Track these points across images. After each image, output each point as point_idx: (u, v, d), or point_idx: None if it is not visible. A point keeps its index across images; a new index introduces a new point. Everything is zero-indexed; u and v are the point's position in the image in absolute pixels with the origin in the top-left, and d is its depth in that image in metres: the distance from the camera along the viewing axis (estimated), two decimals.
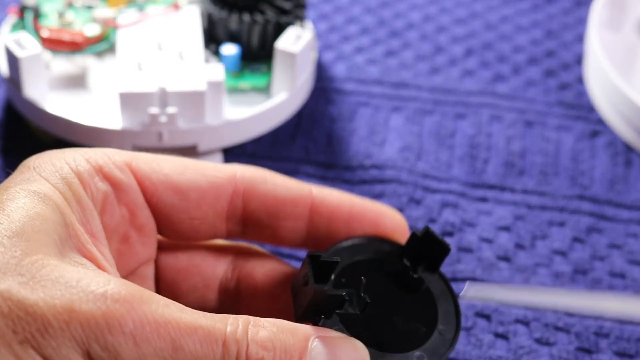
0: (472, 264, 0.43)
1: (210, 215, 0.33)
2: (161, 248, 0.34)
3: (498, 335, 0.41)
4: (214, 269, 0.34)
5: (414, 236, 0.32)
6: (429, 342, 0.31)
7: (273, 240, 0.34)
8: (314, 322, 0.30)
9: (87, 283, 0.27)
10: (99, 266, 0.29)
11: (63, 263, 0.27)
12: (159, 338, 0.27)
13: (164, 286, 0.34)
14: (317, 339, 0.29)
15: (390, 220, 0.34)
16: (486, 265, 0.43)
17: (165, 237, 0.33)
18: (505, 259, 0.44)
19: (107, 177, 0.31)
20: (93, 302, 0.26)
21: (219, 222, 0.33)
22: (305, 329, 0.29)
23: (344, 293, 0.30)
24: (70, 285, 0.26)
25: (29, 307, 0.26)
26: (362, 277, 0.31)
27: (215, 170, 0.33)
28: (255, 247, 0.36)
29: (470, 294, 0.31)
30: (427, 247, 0.32)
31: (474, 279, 0.43)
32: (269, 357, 0.28)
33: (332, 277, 0.31)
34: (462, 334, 0.40)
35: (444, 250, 0.32)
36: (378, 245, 0.33)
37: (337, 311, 0.30)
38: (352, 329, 0.30)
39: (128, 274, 0.33)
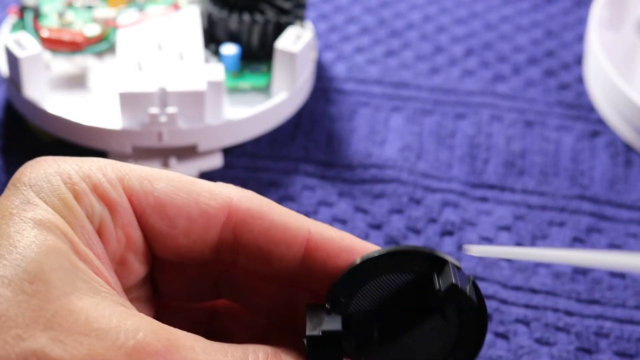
0: (473, 262, 0.43)
1: (199, 245, 0.32)
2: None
3: (498, 335, 0.41)
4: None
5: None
6: None
7: (264, 272, 0.32)
8: None
9: (117, 334, 0.26)
10: (112, 288, 0.29)
11: (86, 301, 0.27)
12: None
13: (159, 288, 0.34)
14: None
15: None
16: (486, 265, 0.43)
17: (156, 254, 0.33)
18: (506, 258, 0.44)
19: (102, 198, 0.30)
20: (126, 358, 0.26)
21: (207, 251, 0.32)
22: None
23: (340, 330, 0.29)
24: (100, 338, 0.26)
25: None
26: (376, 309, 0.30)
27: (209, 198, 0.31)
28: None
29: (474, 251, 0.29)
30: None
31: (474, 278, 0.43)
32: None
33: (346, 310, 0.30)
34: None
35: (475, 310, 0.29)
36: (405, 261, 0.30)
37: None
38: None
39: (125, 290, 0.33)
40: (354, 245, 0.31)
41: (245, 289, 0.34)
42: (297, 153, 0.49)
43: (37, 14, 0.49)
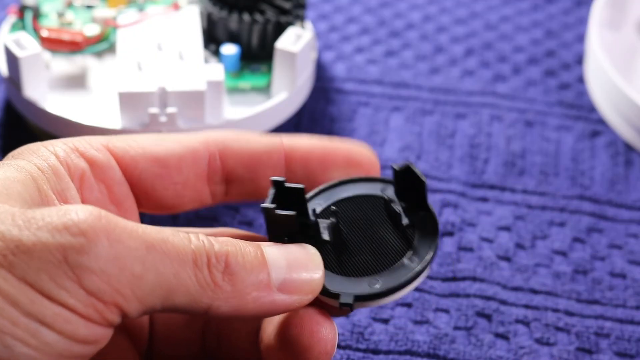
0: (473, 263, 0.43)
1: (192, 178, 0.34)
2: None
3: (498, 335, 0.41)
4: None
5: (393, 171, 0.33)
6: (389, 270, 0.31)
7: (256, 194, 0.35)
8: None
9: (55, 207, 0.27)
10: None
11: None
12: (131, 239, 0.27)
13: None
14: (268, 246, 0.30)
15: (360, 154, 0.35)
16: (487, 265, 0.43)
17: (152, 210, 0.34)
18: (506, 258, 0.44)
19: (83, 155, 0.32)
20: (63, 215, 0.27)
21: (200, 185, 0.34)
22: (256, 242, 0.31)
23: (294, 213, 0.31)
24: (37, 213, 0.27)
25: None
26: (335, 207, 0.32)
27: (189, 137, 0.34)
28: (241, 231, 0.36)
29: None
30: (408, 182, 0.33)
31: (474, 279, 0.43)
32: (233, 250, 0.29)
33: (315, 209, 0.33)
34: (462, 334, 0.40)
35: (421, 183, 0.32)
36: (365, 183, 0.34)
37: (313, 239, 0.32)
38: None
39: None
40: (323, 140, 0.35)
41: None
42: None
43: (36, 13, 0.49)
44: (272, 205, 0.31)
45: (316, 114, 0.51)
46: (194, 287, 0.28)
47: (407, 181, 0.32)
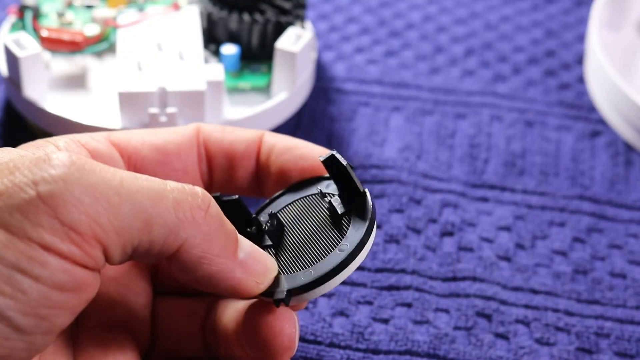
0: (473, 263, 0.43)
1: (189, 164, 0.34)
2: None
3: (498, 335, 0.41)
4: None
5: (323, 163, 0.33)
6: (322, 261, 0.32)
7: (232, 184, 0.36)
8: None
9: (28, 157, 0.27)
10: None
11: None
12: (104, 171, 0.27)
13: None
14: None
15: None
16: (486, 265, 0.43)
17: None
18: (506, 258, 0.44)
19: (84, 146, 0.32)
20: (35, 158, 0.27)
21: (193, 171, 0.35)
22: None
23: (237, 197, 0.33)
24: (10, 163, 0.27)
25: None
26: (276, 212, 0.34)
27: (182, 127, 0.35)
28: None
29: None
30: (337, 171, 0.33)
31: (474, 279, 0.43)
32: (214, 200, 0.30)
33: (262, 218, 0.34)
34: (462, 334, 0.40)
35: (344, 170, 0.33)
36: (310, 184, 0.35)
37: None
38: None
39: None
40: (296, 140, 0.36)
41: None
42: None
43: (36, 13, 0.49)
44: (217, 194, 0.33)
45: (316, 114, 0.51)
46: (171, 218, 0.28)
47: (336, 170, 0.33)
